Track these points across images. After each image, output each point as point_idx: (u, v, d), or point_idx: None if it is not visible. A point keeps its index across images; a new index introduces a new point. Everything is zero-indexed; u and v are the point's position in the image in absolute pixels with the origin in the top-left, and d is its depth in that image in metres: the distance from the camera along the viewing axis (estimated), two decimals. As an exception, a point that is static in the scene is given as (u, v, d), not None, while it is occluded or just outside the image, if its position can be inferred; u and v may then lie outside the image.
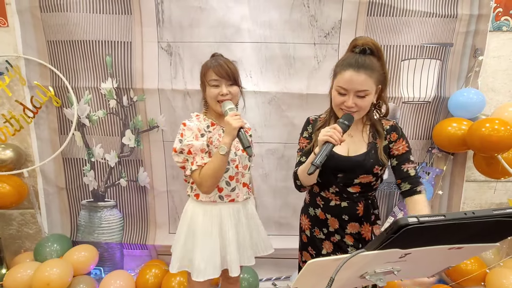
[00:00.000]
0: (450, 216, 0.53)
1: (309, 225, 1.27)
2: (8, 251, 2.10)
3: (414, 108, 1.92)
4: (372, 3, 1.79)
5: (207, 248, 1.25)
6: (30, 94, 1.89)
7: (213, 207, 1.28)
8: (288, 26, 1.84)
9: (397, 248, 0.59)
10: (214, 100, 1.24)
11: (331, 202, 1.19)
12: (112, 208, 2.07)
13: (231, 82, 1.24)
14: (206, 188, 1.22)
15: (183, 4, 1.80)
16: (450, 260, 0.73)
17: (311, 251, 1.28)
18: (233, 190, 1.30)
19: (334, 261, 0.59)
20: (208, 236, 1.26)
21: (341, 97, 1.06)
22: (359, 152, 1.13)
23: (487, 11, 1.80)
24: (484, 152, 1.71)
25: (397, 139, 1.14)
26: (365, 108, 1.06)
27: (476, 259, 1.86)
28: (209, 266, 1.24)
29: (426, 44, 1.85)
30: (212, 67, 1.23)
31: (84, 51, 1.87)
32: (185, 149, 1.20)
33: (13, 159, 1.91)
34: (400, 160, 1.13)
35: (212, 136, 1.25)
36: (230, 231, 1.29)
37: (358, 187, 1.14)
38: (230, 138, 1.15)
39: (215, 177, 1.20)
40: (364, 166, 1.10)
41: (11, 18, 1.85)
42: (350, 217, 1.17)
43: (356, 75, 1.01)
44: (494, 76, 1.95)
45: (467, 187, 2.05)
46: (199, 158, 1.20)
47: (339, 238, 1.20)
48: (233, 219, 1.30)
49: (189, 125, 1.22)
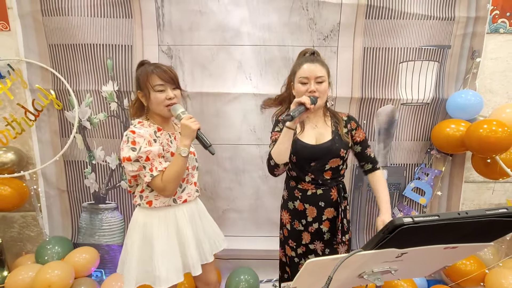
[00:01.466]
0: (444, 216, 0.55)
1: (289, 219, 1.41)
2: (9, 253, 2.11)
3: (412, 110, 1.94)
4: (370, 6, 1.81)
5: (167, 254, 1.24)
6: (31, 97, 1.91)
7: (167, 211, 1.28)
8: (287, 29, 1.85)
9: (393, 248, 0.61)
10: (161, 105, 1.23)
11: (307, 191, 1.35)
12: (113, 210, 2.09)
13: (175, 86, 1.26)
14: (169, 191, 1.23)
15: (183, 8, 1.82)
16: (446, 260, 0.75)
17: (291, 244, 1.41)
18: (183, 191, 1.32)
19: (332, 260, 0.61)
20: (166, 241, 1.25)
21: (304, 86, 1.27)
22: (325, 139, 1.32)
23: (484, 13, 1.82)
24: (482, 153, 1.73)
25: (356, 127, 1.37)
26: (323, 92, 1.27)
27: (475, 259, 1.87)
28: (171, 272, 1.24)
29: (424, 47, 1.87)
30: (156, 73, 1.22)
31: (85, 55, 1.88)
32: (142, 157, 1.17)
33: (14, 161, 1.92)
34: (363, 146, 1.37)
35: (162, 141, 1.26)
36: (187, 231, 1.29)
37: (329, 172, 1.33)
38: (189, 140, 1.19)
39: (178, 180, 1.23)
40: (332, 151, 1.30)
41: (13, 22, 1.87)
42: (325, 203, 1.34)
43: (313, 65, 1.26)
44: (492, 77, 1.97)
45: (466, 188, 2.07)
46: (158, 164, 1.20)
47: (316, 226, 1.35)
48: (188, 219, 1.32)
49: (139, 132, 1.18)
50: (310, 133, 1.34)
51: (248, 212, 2.08)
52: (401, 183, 2.04)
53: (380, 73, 1.90)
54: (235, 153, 1.98)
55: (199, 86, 1.90)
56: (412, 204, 2.05)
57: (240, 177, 2.02)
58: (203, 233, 1.37)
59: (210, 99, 1.91)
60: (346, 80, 1.90)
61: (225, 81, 1.91)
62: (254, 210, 2.07)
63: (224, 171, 1.99)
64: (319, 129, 1.35)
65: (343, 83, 1.90)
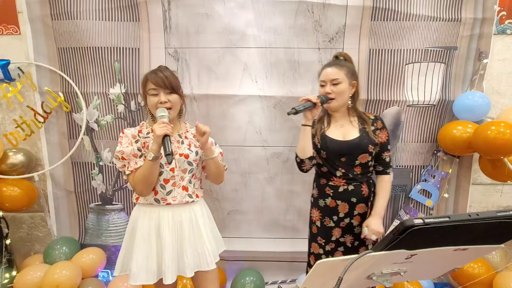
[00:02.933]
0: (455, 218, 0.55)
1: (319, 216, 1.45)
2: (18, 253, 2.14)
3: (418, 111, 1.93)
4: (376, 8, 1.81)
5: (143, 252, 1.26)
6: (40, 100, 1.94)
7: (152, 209, 1.31)
8: (292, 31, 1.86)
9: (403, 249, 0.61)
10: (154, 108, 1.29)
11: (339, 188, 1.40)
12: (120, 211, 2.10)
13: (170, 91, 1.29)
14: (139, 191, 1.28)
15: (190, 11, 1.84)
16: (456, 262, 0.74)
17: (320, 241, 1.46)
18: (169, 194, 1.30)
19: (342, 261, 0.61)
20: (146, 239, 1.27)
21: (322, 88, 1.40)
22: (352, 137, 1.38)
23: (491, 14, 1.81)
24: (490, 155, 1.71)
25: (382, 128, 1.43)
26: (339, 93, 1.36)
27: (483, 262, 1.85)
28: (141, 270, 1.24)
29: (430, 48, 1.86)
30: (150, 78, 1.29)
31: (93, 58, 1.91)
32: (118, 155, 1.28)
33: (24, 163, 1.95)
34: (382, 148, 1.42)
35: (149, 142, 1.30)
36: (167, 236, 1.27)
37: (359, 167, 1.39)
38: (155, 144, 1.19)
39: (146, 181, 1.24)
40: (361, 146, 1.36)
41: (23, 26, 1.90)
42: (357, 199, 1.39)
43: (329, 69, 1.39)
44: (499, 79, 1.95)
45: (473, 190, 2.05)
46: (133, 163, 1.27)
47: (347, 221, 1.41)
48: (172, 224, 1.29)
49: (126, 132, 1.31)
50: (337, 130, 1.41)
51: (254, 214, 2.08)
52: (407, 185, 2.03)
53: (386, 75, 1.90)
54: (241, 155, 1.99)
55: (205, 88, 1.92)
56: (418, 207, 2.03)
57: (246, 179, 2.03)
58: (187, 244, 1.29)
59: (216, 101, 1.92)
60: (351, 82, 1.90)
61: (231, 84, 1.92)
62: (260, 212, 2.08)
63: (230, 173, 2.00)
64: (345, 128, 1.42)
65: (348, 85, 1.90)
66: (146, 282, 1.25)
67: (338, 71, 1.36)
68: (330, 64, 1.41)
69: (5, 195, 1.88)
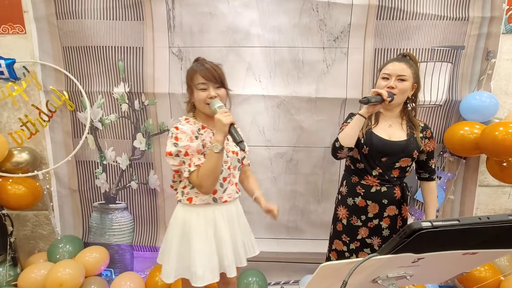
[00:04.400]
0: (465, 221, 0.53)
1: (346, 214, 1.43)
2: (22, 251, 2.15)
3: (425, 112, 1.90)
4: (381, 6, 1.78)
5: (204, 253, 1.24)
6: (45, 99, 1.95)
7: (207, 209, 1.28)
8: (297, 30, 1.85)
9: (410, 253, 0.59)
10: (203, 103, 1.24)
11: (371, 188, 1.37)
12: (123, 210, 2.11)
13: (219, 85, 1.25)
14: (206, 188, 1.21)
15: (194, 10, 1.84)
16: (464, 266, 0.73)
17: (344, 238, 1.45)
18: (225, 191, 1.30)
19: (347, 264, 0.59)
20: (204, 239, 1.25)
21: (384, 81, 1.32)
22: (400, 138, 1.35)
23: (500, 13, 1.77)
24: (498, 156, 1.68)
25: (430, 137, 1.41)
26: (402, 90, 1.30)
27: (490, 266, 1.82)
28: (207, 271, 1.23)
29: (437, 47, 1.83)
30: (199, 71, 1.24)
31: (97, 57, 1.92)
32: (182, 151, 1.19)
33: (28, 161, 1.96)
34: (429, 157, 1.42)
35: (205, 139, 1.25)
36: (225, 232, 1.28)
37: (397, 170, 1.36)
38: (222, 135, 1.14)
39: (213, 176, 1.19)
40: (406, 150, 1.32)
41: (28, 25, 1.91)
42: (389, 201, 1.37)
43: (398, 64, 1.32)
44: (508, 79, 1.92)
45: (480, 192, 2.01)
46: (196, 159, 1.20)
47: (376, 222, 1.39)
48: (227, 220, 1.31)
49: (182, 128, 1.22)
50: (384, 129, 1.37)
51: (257, 214, 2.06)
52: (413, 187, 2.00)
53: (392, 75, 1.87)
54: (244, 154, 1.98)
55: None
56: (423, 208, 2.00)
57: (249, 178, 2.02)
58: (240, 236, 1.35)
59: (219, 101, 1.91)
60: (356, 81, 1.87)
61: (235, 83, 1.90)
62: (263, 212, 2.03)
63: (233, 173, 1.99)
64: (393, 128, 1.38)
65: (353, 84, 1.87)
66: (212, 281, 1.24)
67: (406, 68, 1.31)
68: (399, 59, 1.35)
69: (10, 193, 1.89)
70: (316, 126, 1.94)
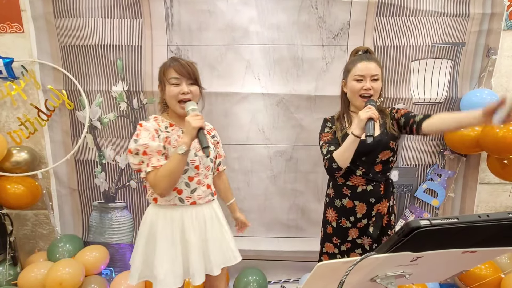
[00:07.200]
0: (464, 219, 0.52)
1: (335, 216, 1.41)
2: (22, 250, 2.15)
3: (425, 109, 1.89)
4: (381, 3, 1.77)
5: (168, 256, 1.20)
6: (44, 98, 1.95)
7: (174, 211, 1.23)
8: (296, 28, 1.84)
9: (408, 251, 0.58)
10: (174, 99, 1.20)
11: (357, 188, 1.35)
12: (123, 209, 2.10)
13: (192, 82, 1.22)
14: (160, 190, 1.16)
15: (192, 8, 1.83)
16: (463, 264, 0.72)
17: (335, 241, 1.42)
18: (193, 192, 1.24)
19: (344, 263, 0.59)
20: (169, 242, 1.21)
21: (359, 83, 1.30)
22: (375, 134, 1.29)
23: (501, 9, 1.76)
24: (498, 154, 1.67)
25: (397, 110, 1.37)
26: (378, 90, 1.31)
27: (490, 264, 1.81)
28: (169, 276, 1.19)
29: (437, 44, 1.82)
30: (172, 66, 1.20)
31: (95, 55, 1.91)
32: (140, 150, 1.14)
33: (27, 161, 1.96)
34: (407, 116, 1.32)
35: (171, 137, 1.21)
36: (193, 236, 1.23)
37: (380, 165, 1.34)
38: (189, 137, 1.10)
39: (171, 178, 1.14)
40: (381, 143, 1.30)
41: (26, 24, 1.90)
42: (376, 199, 1.35)
43: (369, 63, 1.29)
44: (508, 76, 1.90)
45: (481, 189, 2.00)
46: (155, 160, 1.15)
47: (365, 222, 1.36)
48: (196, 223, 1.25)
49: (145, 125, 1.17)
50: None
51: (256, 213, 2.06)
52: (413, 184, 1.99)
53: (392, 72, 1.86)
54: (244, 153, 1.98)
55: (208, 86, 1.87)
56: (424, 206, 2.00)
57: (249, 177, 2.01)
58: (212, 242, 1.27)
59: (218, 99, 1.90)
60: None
61: (234, 81, 1.90)
62: (262, 211, 2.06)
63: (233, 171, 1.98)
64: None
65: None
66: (174, 286, 1.20)
67: (377, 67, 1.29)
68: (367, 57, 1.31)
69: (9, 193, 1.89)
70: (316, 124, 1.90)
